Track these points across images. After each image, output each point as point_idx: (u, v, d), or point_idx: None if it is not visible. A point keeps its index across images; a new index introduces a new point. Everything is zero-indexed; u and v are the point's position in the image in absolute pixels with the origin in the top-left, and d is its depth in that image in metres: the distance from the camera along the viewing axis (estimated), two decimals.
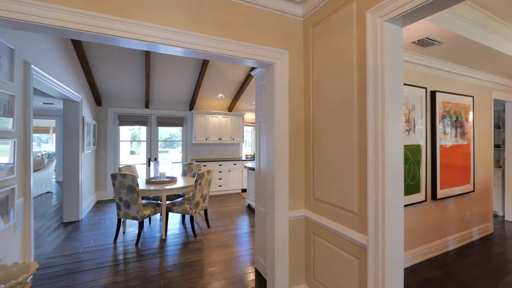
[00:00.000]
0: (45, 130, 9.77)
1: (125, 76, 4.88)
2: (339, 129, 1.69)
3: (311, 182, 1.97)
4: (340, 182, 1.68)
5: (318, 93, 1.91)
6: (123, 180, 3.11)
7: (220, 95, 6.11)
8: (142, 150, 11.93)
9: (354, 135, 1.57)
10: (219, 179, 6.17)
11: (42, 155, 8.34)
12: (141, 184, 3.55)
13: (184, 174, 4.61)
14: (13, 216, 2.11)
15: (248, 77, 5.41)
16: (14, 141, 2.13)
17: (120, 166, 5.12)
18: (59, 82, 3.24)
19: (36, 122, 8.89)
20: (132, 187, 3.11)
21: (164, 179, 3.78)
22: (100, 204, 5.15)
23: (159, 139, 6.17)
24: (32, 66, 2.46)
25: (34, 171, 6.12)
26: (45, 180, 6.19)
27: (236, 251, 3.04)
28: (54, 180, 7.51)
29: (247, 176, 5.10)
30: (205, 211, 3.86)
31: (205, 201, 3.73)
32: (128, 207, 3.18)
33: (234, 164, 6.33)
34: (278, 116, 1.96)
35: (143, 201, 3.59)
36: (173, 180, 3.75)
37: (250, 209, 4.85)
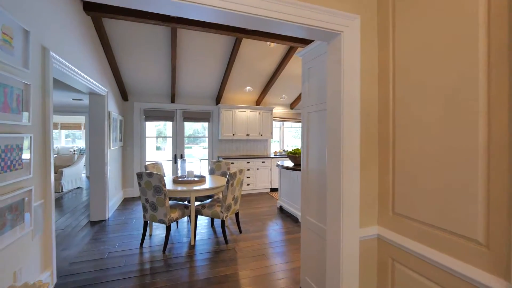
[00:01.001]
0: (77, 127, 10.06)
1: (151, 68, 4.63)
2: (444, 124, 1.18)
3: (390, 192, 1.48)
4: (445, 194, 1.17)
5: (403, 75, 1.40)
6: (150, 180, 2.82)
7: (248, 87, 5.71)
8: (167, 146, 12.00)
9: (478, 132, 1.05)
10: (247, 177, 5.80)
11: (74, 151, 8.55)
12: (168, 184, 3.26)
13: (212, 172, 4.29)
14: (30, 221, 1.86)
15: (278, 68, 4.93)
16: (31, 137, 1.88)
17: (147, 163, 4.90)
18: (83, 73, 3.01)
19: (68, 119, 9.20)
20: (159, 188, 2.80)
21: (193, 179, 3.46)
22: (127, 202, 5.01)
23: (185, 135, 5.93)
24: (52, 53, 2.20)
25: (65, 167, 6.18)
26: (76, 175, 6.24)
27: (275, 265, 2.63)
28: (84, 175, 7.64)
29: (279, 175, 4.66)
30: (237, 214, 3.49)
31: (236, 204, 3.36)
32: (155, 209, 2.90)
33: (263, 162, 5.92)
34: (346, 105, 1.48)
35: (170, 202, 3.30)
36: (202, 179, 3.42)
37: (282, 212, 4.42)
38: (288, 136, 7.38)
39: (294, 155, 4.00)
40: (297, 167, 3.91)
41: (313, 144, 2.06)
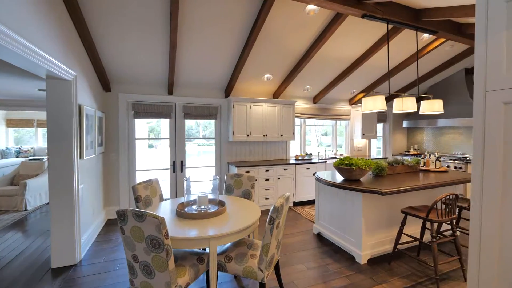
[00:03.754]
0: (28, 124, 7.76)
1: (142, 47, 3.34)
2: None
3: None
4: None
5: None
6: (140, 225, 1.58)
7: (267, 75, 4.46)
8: (163, 148, 10.53)
9: None
10: (266, 189, 4.60)
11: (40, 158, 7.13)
12: (169, 220, 2.02)
13: (229, 191, 3.06)
14: None
15: (314, 46, 3.70)
16: None
17: (137, 182, 3.63)
18: (31, 44, 1.74)
19: (19, 114, 7.12)
20: (157, 241, 1.57)
21: (207, 208, 2.24)
22: (110, 227, 3.75)
23: (187, 137, 4.67)
24: None
25: (31, 177, 4.84)
26: (46, 187, 4.90)
27: None
28: None
29: (317, 191, 3.47)
30: (277, 263, 2.29)
31: (279, 250, 2.16)
32: (150, 274, 1.66)
33: (285, 170, 4.72)
34: None
35: (174, 251, 2.07)
36: (220, 210, 2.20)
37: (323, 241, 3.24)
38: (309, 136, 6.18)
39: (347, 167, 2.81)
40: (351, 184, 2.73)
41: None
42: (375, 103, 3.00)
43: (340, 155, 6.14)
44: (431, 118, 5.71)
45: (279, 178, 4.67)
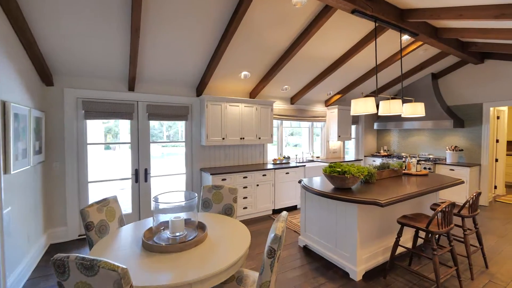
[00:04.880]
0: None
1: (95, 32, 2.70)
2: None
3: None
4: None
5: None
6: (90, 280, 1.07)
7: (244, 72, 4.07)
8: (124, 150, 9.38)
9: None
10: (244, 198, 4.20)
11: None
12: (134, 260, 1.52)
13: (207, 206, 2.60)
14: None
15: (298, 42, 3.41)
16: None
17: (86, 207, 2.98)
18: None
19: None
20: None
21: (182, 235, 1.77)
22: (54, 253, 2.99)
23: (151, 140, 4.04)
24: None
25: None
26: None
27: None
28: None
29: (303, 200, 3.19)
30: None
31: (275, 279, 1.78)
32: None
33: (264, 176, 4.38)
34: None
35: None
36: (201, 238, 1.75)
37: (311, 255, 2.96)
38: (285, 138, 5.94)
39: (340, 175, 2.56)
40: (345, 193, 2.49)
41: None
42: (366, 105, 2.81)
43: (317, 157, 6.02)
44: (399, 121, 5.90)
45: (258, 185, 4.31)
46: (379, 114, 3.11)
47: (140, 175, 3.88)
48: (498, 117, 5.30)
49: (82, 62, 3.14)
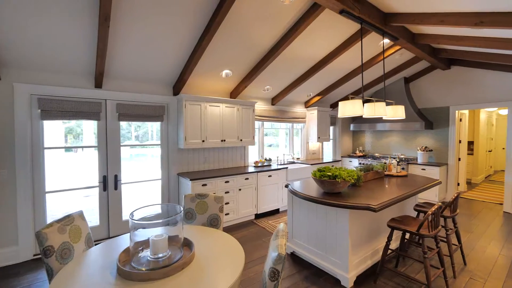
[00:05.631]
0: None
1: (54, 18, 2.30)
2: None
3: None
4: None
5: None
6: None
7: (225, 71, 3.85)
8: (89, 153, 8.51)
9: None
10: (226, 203, 3.98)
11: None
12: (103, 286, 1.26)
13: (190, 218, 2.35)
14: None
15: (284, 40, 3.28)
16: None
17: (43, 228, 2.62)
18: None
19: None
20: None
21: (166, 257, 1.53)
22: (4, 282, 2.51)
23: (122, 143, 3.63)
24: None
25: None
26: None
27: None
28: None
29: (290, 205, 3.07)
30: None
31: None
32: None
33: (246, 179, 4.19)
34: None
35: None
36: (189, 258, 1.53)
37: (298, 263, 2.85)
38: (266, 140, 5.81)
39: (331, 180, 2.47)
40: (335, 198, 2.41)
41: None
42: (355, 108, 2.77)
43: (297, 159, 5.99)
44: (372, 122, 6.11)
45: (240, 190, 4.11)
46: (364, 116, 3.10)
47: (109, 183, 3.47)
48: (460, 120, 5.71)
49: (37, 53, 2.68)
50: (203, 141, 3.96)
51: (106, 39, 2.52)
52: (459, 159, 5.84)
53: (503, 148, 8.91)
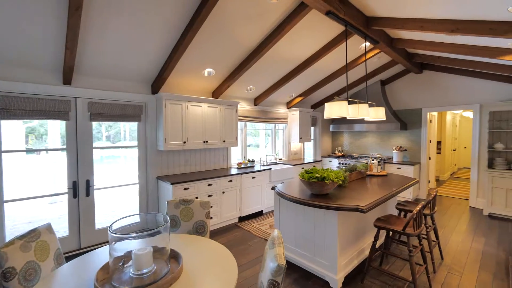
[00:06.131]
0: None
1: (15, 5, 2.01)
2: None
3: None
4: None
5: None
6: None
7: (208, 69, 3.71)
8: (54, 157, 7.78)
9: None
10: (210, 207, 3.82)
11: None
12: None
13: (174, 225, 2.19)
14: None
15: (269, 40, 3.22)
16: None
17: (5, 244, 2.30)
18: None
19: None
20: None
21: (151, 272, 1.39)
22: None
23: (95, 146, 3.34)
24: None
25: None
26: None
27: None
28: None
29: (277, 207, 3.02)
30: None
31: None
32: None
33: (230, 181, 4.08)
34: None
35: None
36: (177, 272, 1.40)
37: (288, 266, 2.81)
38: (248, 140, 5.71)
39: (319, 181, 2.46)
40: (323, 200, 2.40)
41: None
42: (341, 109, 2.79)
43: (279, 159, 5.98)
44: (350, 123, 6.30)
45: (223, 192, 3.99)
46: (348, 117, 3.14)
47: (80, 189, 3.17)
48: (431, 121, 6.08)
49: None
50: (185, 142, 3.77)
51: (77, 29, 2.28)
52: (430, 158, 6.21)
53: (465, 147, 9.69)
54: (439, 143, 7.59)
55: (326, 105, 2.91)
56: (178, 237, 1.93)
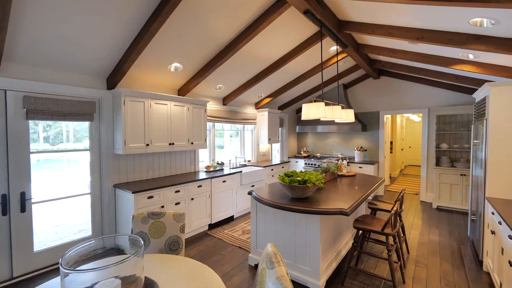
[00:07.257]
0: None
1: None
2: None
3: None
4: None
5: None
6: None
7: (175, 64, 3.36)
8: None
9: None
10: (184, 219, 3.47)
11: None
12: None
13: (144, 241, 1.86)
14: None
15: (244, 35, 3.04)
16: None
17: None
18: None
19: None
20: None
21: None
22: None
23: (32, 150, 2.74)
24: None
25: None
26: None
27: None
28: None
29: (255, 214, 2.86)
30: None
31: None
32: None
33: (199, 187, 3.77)
34: None
35: None
36: None
37: None
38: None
39: (301, 185, 2.37)
40: (303, 204, 2.32)
41: None
42: (319, 110, 2.75)
43: (248, 161, 5.83)
44: (314, 124, 6.49)
45: (192, 199, 3.67)
46: (323, 119, 3.14)
47: (12, 203, 2.55)
48: (386, 123, 6.60)
49: None
50: (148, 145, 3.36)
51: (8, 5, 1.78)
52: (385, 157, 6.73)
53: (410, 147, 10.85)
54: (391, 143, 8.32)
55: (304, 106, 2.85)
56: (149, 258, 1.63)
